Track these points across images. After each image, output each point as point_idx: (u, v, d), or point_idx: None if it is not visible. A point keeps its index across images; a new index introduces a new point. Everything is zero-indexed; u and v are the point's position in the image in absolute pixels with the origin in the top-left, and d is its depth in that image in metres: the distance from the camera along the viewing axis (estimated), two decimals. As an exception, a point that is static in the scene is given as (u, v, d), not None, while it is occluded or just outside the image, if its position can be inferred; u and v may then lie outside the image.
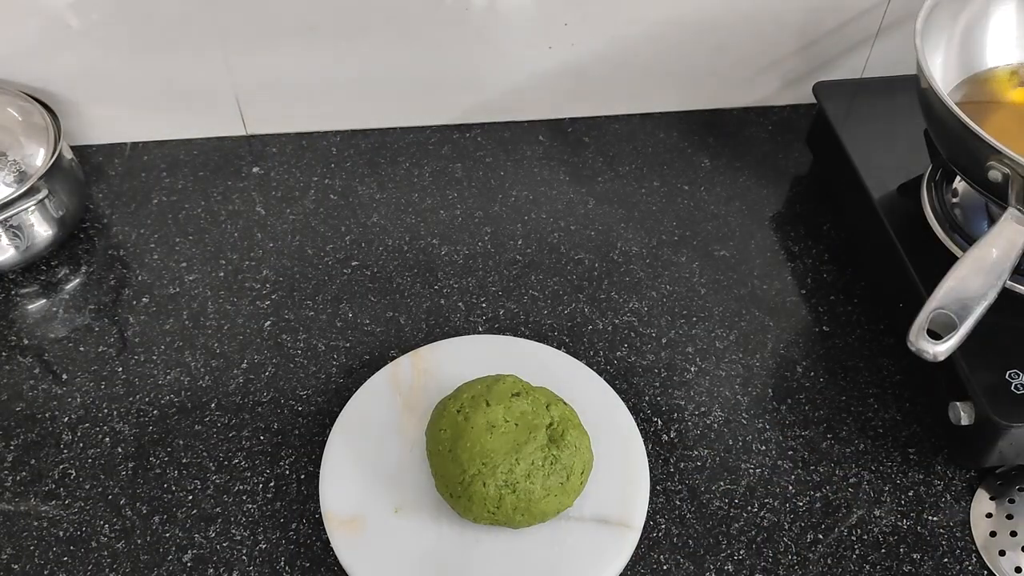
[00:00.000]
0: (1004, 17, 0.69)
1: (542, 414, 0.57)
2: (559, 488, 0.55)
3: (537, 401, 0.57)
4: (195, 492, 0.60)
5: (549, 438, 0.56)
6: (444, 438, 0.56)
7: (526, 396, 0.57)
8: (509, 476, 0.54)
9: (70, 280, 0.72)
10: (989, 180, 0.58)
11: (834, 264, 0.75)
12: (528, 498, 0.54)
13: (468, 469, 0.54)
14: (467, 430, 0.55)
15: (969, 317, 0.54)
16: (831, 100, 0.77)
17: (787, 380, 0.67)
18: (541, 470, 0.55)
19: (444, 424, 0.56)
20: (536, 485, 0.54)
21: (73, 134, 0.80)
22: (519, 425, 0.56)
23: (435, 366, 0.64)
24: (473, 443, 0.55)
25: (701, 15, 0.79)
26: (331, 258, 0.74)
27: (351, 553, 0.55)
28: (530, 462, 0.54)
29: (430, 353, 0.64)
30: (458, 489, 0.54)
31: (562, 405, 0.58)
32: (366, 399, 0.62)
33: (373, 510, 0.57)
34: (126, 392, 0.65)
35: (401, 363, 0.64)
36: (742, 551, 0.58)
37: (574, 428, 0.57)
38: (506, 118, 0.85)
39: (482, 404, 0.56)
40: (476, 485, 0.54)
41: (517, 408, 0.56)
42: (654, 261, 0.75)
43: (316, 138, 0.84)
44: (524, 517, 0.55)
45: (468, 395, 0.57)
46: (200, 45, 0.76)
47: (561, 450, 0.55)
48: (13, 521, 0.59)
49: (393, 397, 0.62)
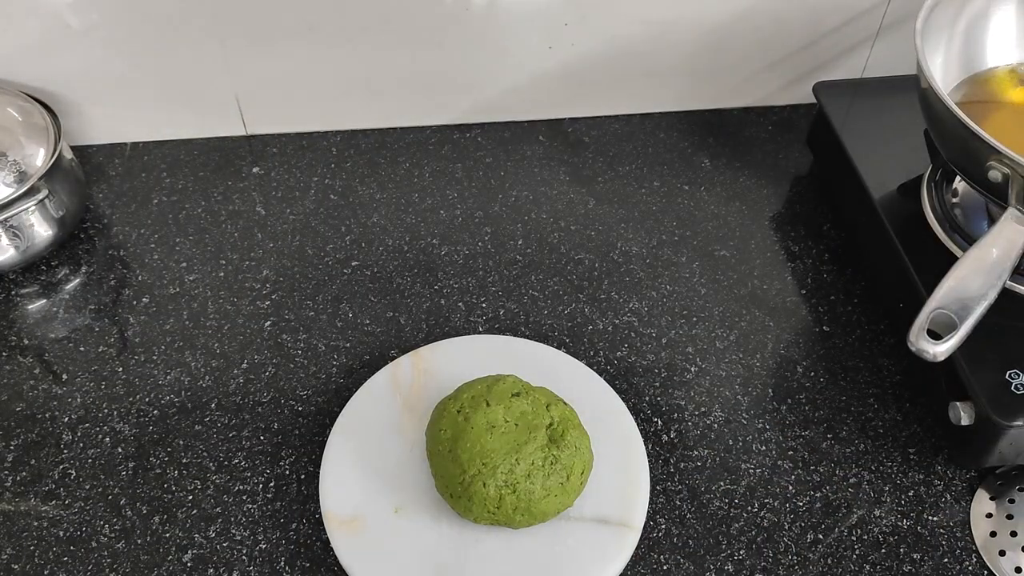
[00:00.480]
0: (1004, 17, 0.69)
1: (542, 414, 0.56)
2: (559, 488, 0.55)
3: (537, 401, 0.57)
4: (195, 492, 0.60)
5: (549, 438, 0.56)
6: (444, 438, 0.56)
7: (526, 396, 0.57)
8: (509, 476, 0.54)
9: (70, 280, 0.72)
10: (989, 180, 0.58)
11: (834, 264, 0.75)
12: (528, 498, 0.54)
13: (468, 469, 0.54)
14: (467, 430, 0.55)
15: (969, 317, 0.54)
16: (831, 100, 0.77)
17: (787, 380, 0.67)
18: (541, 470, 0.54)
19: (444, 424, 0.56)
20: (536, 485, 0.54)
21: (73, 134, 0.80)
22: (519, 425, 0.56)
23: (435, 366, 0.64)
24: (473, 443, 0.55)
25: (701, 15, 0.79)
26: (331, 258, 0.74)
27: (351, 553, 0.55)
28: (530, 462, 0.54)
29: (430, 353, 0.64)
30: (458, 489, 0.54)
31: (562, 405, 0.58)
32: (366, 399, 0.62)
33: (373, 510, 0.57)
34: (126, 392, 0.65)
35: (401, 363, 0.64)
36: (742, 551, 0.58)
37: (574, 428, 0.57)
38: (506, 118, 0.85)
39: (482, 404, 0.56)
40: (476, 485, 0.54)
41: (517, 408, 0.56)
42: (654, 261, 0.75)
43: (316, 138, 0.84)
44: (524, 517, 0.55)
45: (468, 395, 0.57)
46: (200, 45, 0.76)
47: (561, 450, 0.55)
48: (13, 521, 0.59)
49: (393, 397, 0.62)
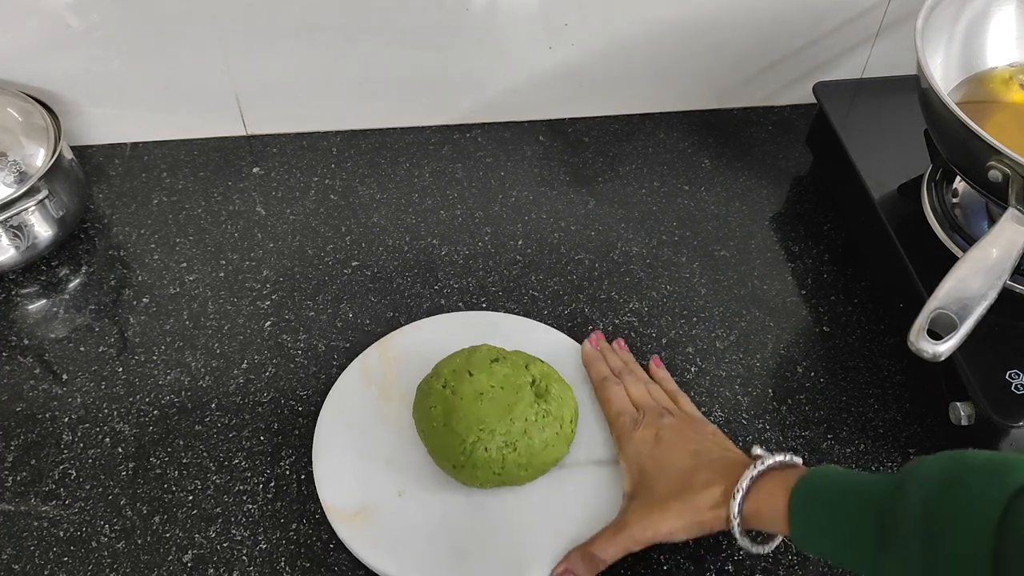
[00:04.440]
0: (1004, 17, 0.69)
1: (523, 374, 0.59)
2: (555, 438, 0.57)
3: (516, 363, 0.59)
4: (195, 492, 0.60)
5: (535, 394, 0.58)
6: (436, 414, 0.57)
7: (504, 360, 0.59)
8: (508, 436, 0.56)
9: (70, 280, 0.72)
10: (989, 180, 0.58)
11: (834, 264, 0.75)
12: (529, 452, 0.56)
13: (467, 438, 0.56)
14: (457, 402, 0.57)
15: (969, 317, 0.54)
16: (831, 100, 0.77)
17: (787, 380, 0.67)
18: (536, 424, 0.57)
19: (433, 401, 0.58)
20: (534, 439, 0.56)
21: (73, 134, 0.80)
22: (504, 388, 0.58)
23: (402, 352, 0.65)
24: (466, 413, 0.56)
25: (701, 15, 0.79)
26: (331, 258, 0.74)
27: (366, 544, 0.56)
28: (524, 419, 0.56)
29: (394, 341, 0.66)
30: (460, 459, 0.56)
31: (539, 362, 0.60)
32: (341, 397, 0.63)
33: (377, 499, 0.58)
34: (126, 392, 0.65)
35: (368, 355, 0.65)
36: (742, 551, 0.58)
37: (556, 381, 0.59)
38: (506, 118, 0.85)
39: (465, 375, 0.58)
40: (478, 451, 0.55)
41: (499, 372, 0.58)
42: (654, 261, 0.75)
43: (316, 138, 0.84)
44: (528, 472, 0.57)
45: (449, 369, 0.59)
46: (200, 45, 0.76)
47: (549, 403, 0.58)
48: (13, 521, 0.59)
49: (368, 389, 0.63)
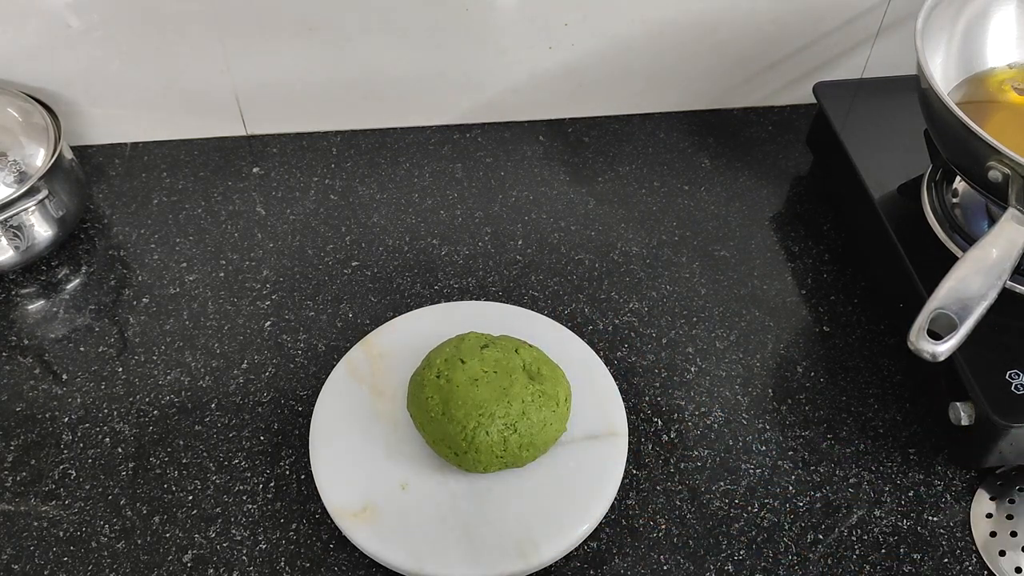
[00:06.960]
0: (1004, 17, 0.69)
1: (513, 358, 0.59)
2: (553, 416, 0.58)
3: (505, 348, 0.60)
4: (195, 492, 0.60)
5: (529, 376, 0.59)
6: (433, 404, 0.57)
7: (493, 346, 0.60)
8: (507, 419, 0.56)
9: (70, 280, 0.72)
10: (989, 180, 0.58)
11: (834, 264, 0.75)
12: (530, 433, 0.57)
13: (468, 424, 0.56)
14: (453, 390, 0.57)
15: (969, 317, 0.54)
16: (831, 100, 0.77)
17: (787, 380, 0.67)
18: (533, 405, 0.57)
19: (429, 392, 0.58)
20: (533, 419, 0.57)
21: (73, 134, 0.80)
22: (498, 372, 0.58)
23: (387, 348, 0.65)
24: (464, 400, 0.57)
25: (701, 15, 0.79)
26: (331, 258, 0.74)
27: (375, 541, 0.56)
28: (521, 400, 0.57)
29: (377, 338, 0.66)
30: (462, 446, 0.56)
31: (528, 346, 0.61)
32: (332, 398, 0.63)
33: (381, 494, 0.58)
34: (126, 392, 0.65)
35: (353, 354, 0.65)
36: (742, 551, 0.58)
37: (546, 362, 0.60)
38: (506, 118, 0.85)
39: (457, 363, 0.58)
40: (480, 436, 0.56)
41: (490, 358, 0.59)
42: (654, 261, 0.75)
43: (316, 138, 0.84)
44: (529, 452, 0.57)
45: (440, 359, 0.59)
46: (200, 45, 0.76)
47: (543, 383, 0.58)
48: (13, 521, 0.59)
49: (358, 387, 0.63)
